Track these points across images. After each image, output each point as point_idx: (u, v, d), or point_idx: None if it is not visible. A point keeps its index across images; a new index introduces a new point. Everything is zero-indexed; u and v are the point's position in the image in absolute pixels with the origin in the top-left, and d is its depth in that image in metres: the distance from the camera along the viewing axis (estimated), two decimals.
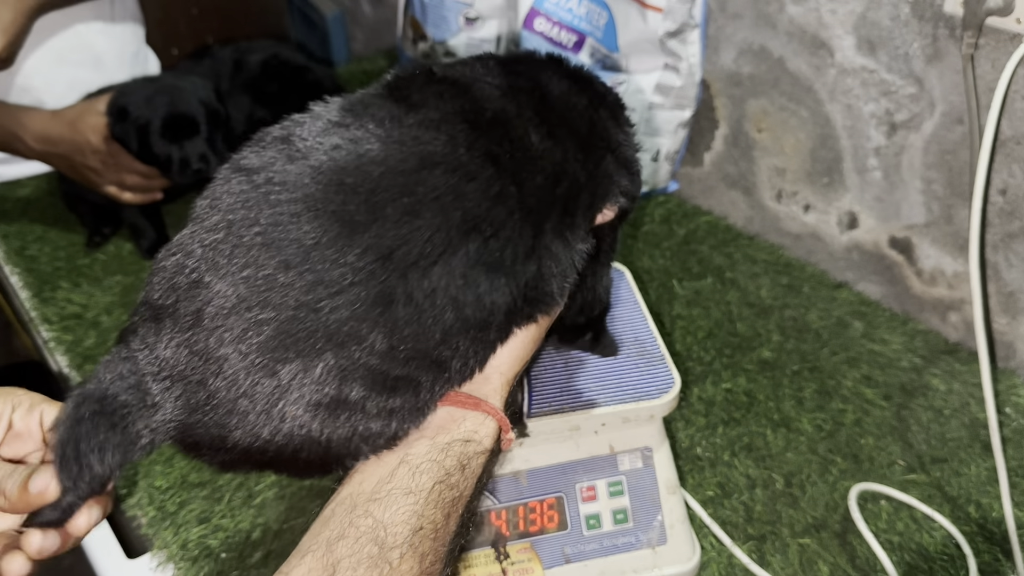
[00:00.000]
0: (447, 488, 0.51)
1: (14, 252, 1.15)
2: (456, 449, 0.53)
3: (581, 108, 0.60)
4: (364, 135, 0.50)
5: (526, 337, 0.58)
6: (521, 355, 0.58)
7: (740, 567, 0.74)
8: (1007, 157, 0.86)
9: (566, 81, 0.61)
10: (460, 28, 1.35)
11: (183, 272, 0.47)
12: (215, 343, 0.45)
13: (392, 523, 0.48)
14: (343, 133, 0.50)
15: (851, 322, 1.00)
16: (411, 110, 0.53)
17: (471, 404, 0.54)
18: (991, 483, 0.80)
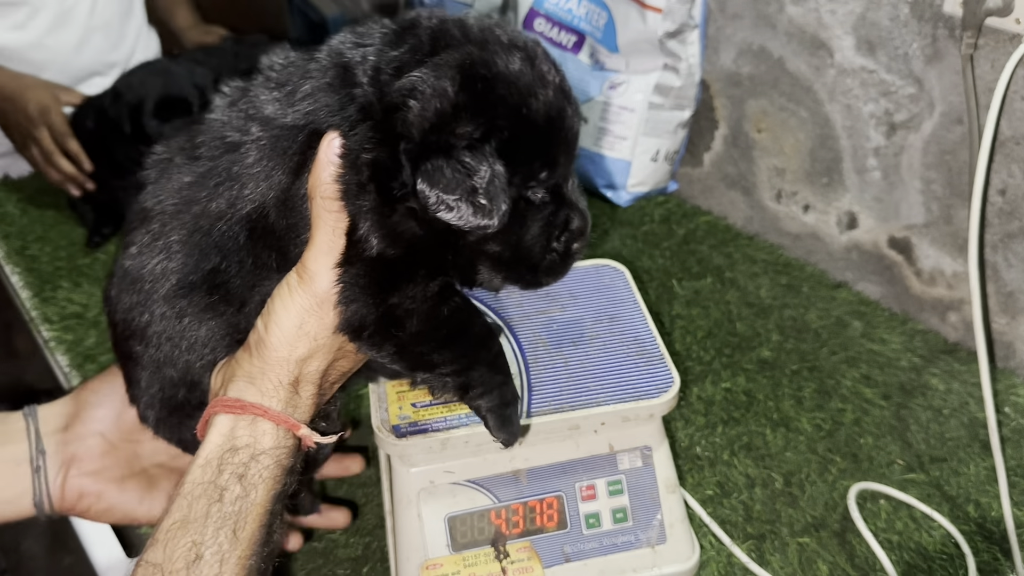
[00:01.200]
0: (227, 505, 0.52)
1: (14, 252, 1.15)
2: (228, 460, 0.54)
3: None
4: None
5: (303, 314, 0.55)
6: (308, 338, 0.55)
7: (739, 566, 0.74)
8: (1006, 157, 0.86)
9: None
10: None
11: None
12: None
13: (169, 561, 0.50)
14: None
15: (850, 322, 1.00)
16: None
17: (237, 408, 0.55)
18: (990, 482, 0.80)
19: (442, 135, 0.50)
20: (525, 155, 0.53)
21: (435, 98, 0.49)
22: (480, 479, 0.68)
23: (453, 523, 0.67)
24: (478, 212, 0.50)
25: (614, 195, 1.21)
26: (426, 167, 0.49)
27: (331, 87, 0.53)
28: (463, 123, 0.50)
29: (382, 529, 0.77)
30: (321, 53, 0.55)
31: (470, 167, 0.49)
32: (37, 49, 1.29)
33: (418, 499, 0.67)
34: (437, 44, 0.52)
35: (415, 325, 0.57)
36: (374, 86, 0.52)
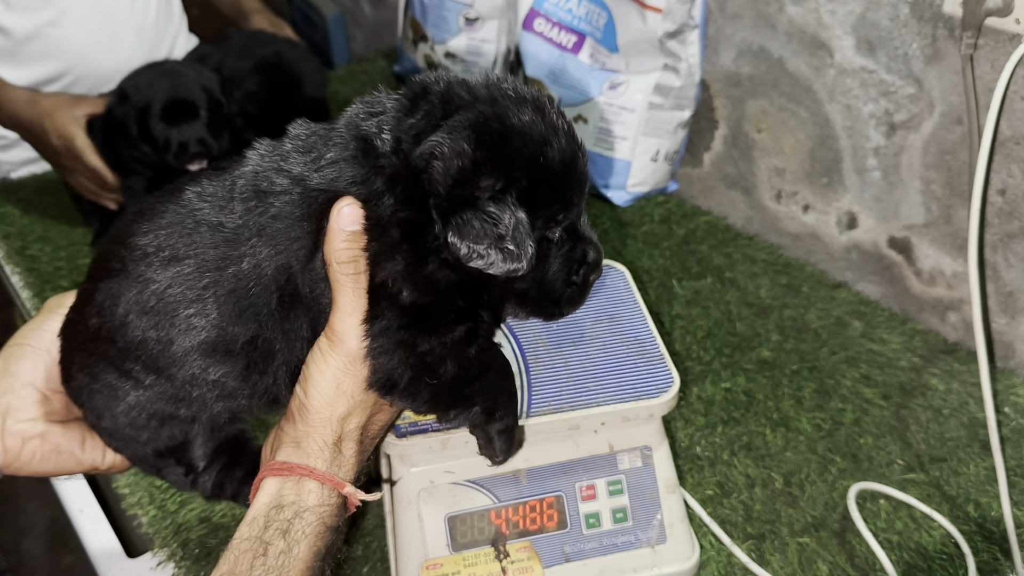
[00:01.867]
0: (270, 559, 0.55)
1: (14, 252, 1.15)
2: (274, 518, 0.57)
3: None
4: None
5: (339, 374, 0.58)
6: (346, 397, 0.59)
7: (739, 566, 0.74)
8: (1006, 157, 0.86)
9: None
10: (460, 28, 1.36)
11: None
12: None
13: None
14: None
15: (850, 322, 1.00)
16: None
17: (284, 470, 0.58)
18: (990, 482, 0.80)
19: (466, 190, 0.54)
20: (544, 200, 0.57)
21: (455, 157, 0.53)
22: (480, 479, 0.68)
23: (453, 523, 0.67)
24: (507, 258, 0.54)
25: (614, 195, 1.21)
26: (455, 220, 0.53)
27: (355, 159, 0.56)
28: (484, 177, 0.54)
29: (382, 529, 0.77)
30: (339, 125, 0.59)
31: (495, 217, 0.54)
32: (70, 44, 1.28)
33: (418, 499, 0.67)
34: (448, 107, 0.56)
35: (449, 369, 0.60)
36: (397, 155, 0.55)
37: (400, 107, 0.57)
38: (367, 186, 0.56)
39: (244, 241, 0.58)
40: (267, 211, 0.58)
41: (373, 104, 0.59)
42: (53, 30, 1.26)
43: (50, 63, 1.27)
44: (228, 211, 0.59)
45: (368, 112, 0.58)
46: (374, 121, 0.57)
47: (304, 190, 0.57)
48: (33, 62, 1.26)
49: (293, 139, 0.60)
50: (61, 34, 1.27)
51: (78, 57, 1.28)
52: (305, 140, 0.59)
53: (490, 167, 0.54)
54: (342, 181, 0.56)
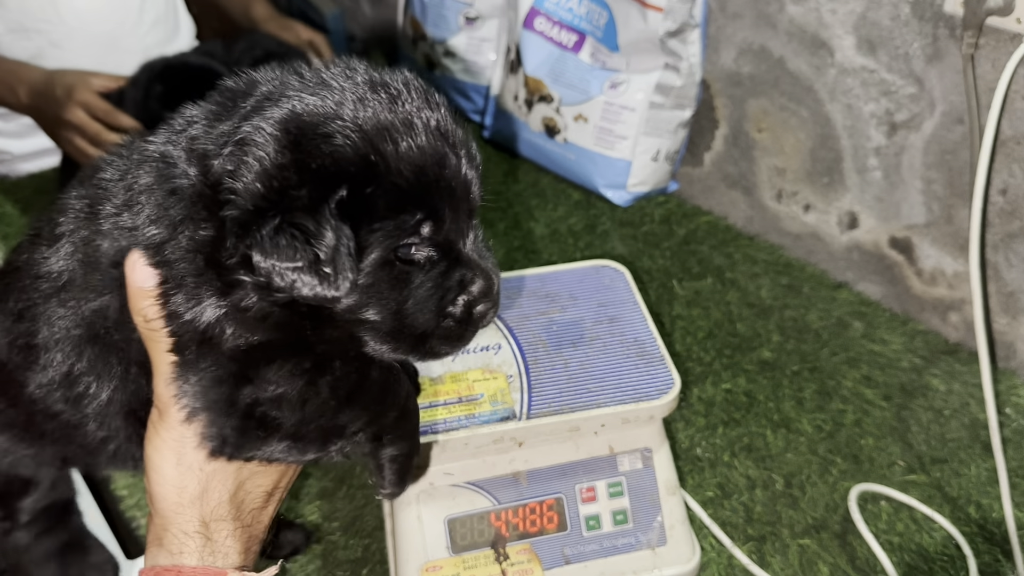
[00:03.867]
0: None
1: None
2: None
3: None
4: None
5: (176, 447, 0.50)
6: (192, 472, 0.50)
7: (740, 568, 0.73)
8: (1007, 157, 0.86)
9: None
10: (460, 28, 1.35)
11: None
12: None
13: None
14: None
15: (851, 322, 1.00)
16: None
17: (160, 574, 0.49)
18: (991, 484, 0.79)
19: (272, 200, 0.44)
20: (387, 209, 0.46)
21: (256, 162, 0.44)
22: (480, 481, 0.68)
23: (453, 525, 0.67)
24: (323, 281, 0.44)
25: (614, 195, 1.21)
26: (257, 237, 0.43)
27: (151, 188, 0.48)
28: (292, 184, 0.44)
29: (382, 531, 0.77)
30: (156, 139, 0.50)
31: (308, 231, 0.44)
32: (74, 67, 1.28)
33: (418, 501, 0.67)
34: (267, 103, 0.47)
35: (290, 411, 0.50)
36: (201, 171, 0.46)
37: (210, 113, 0.48)
38: (165, 221, 0.47)
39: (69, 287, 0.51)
40: (84, 258, 0.50)
41: (191, 116, 0.49)
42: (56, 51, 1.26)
43: None
44: (55, 254, 0.52)
45: (184, 123, 0.49)
46: (183, 136, 0.48)
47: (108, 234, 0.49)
48: None
49: (109, 164, 0.51)
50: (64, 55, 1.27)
51: None
52: (120, 170, 0.50)
53: (300, 171, 0.44)
54: (142, 220, 0.47)
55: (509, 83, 1.29)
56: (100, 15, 1.29)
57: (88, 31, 1.28)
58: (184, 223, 0.46)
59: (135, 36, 1.31)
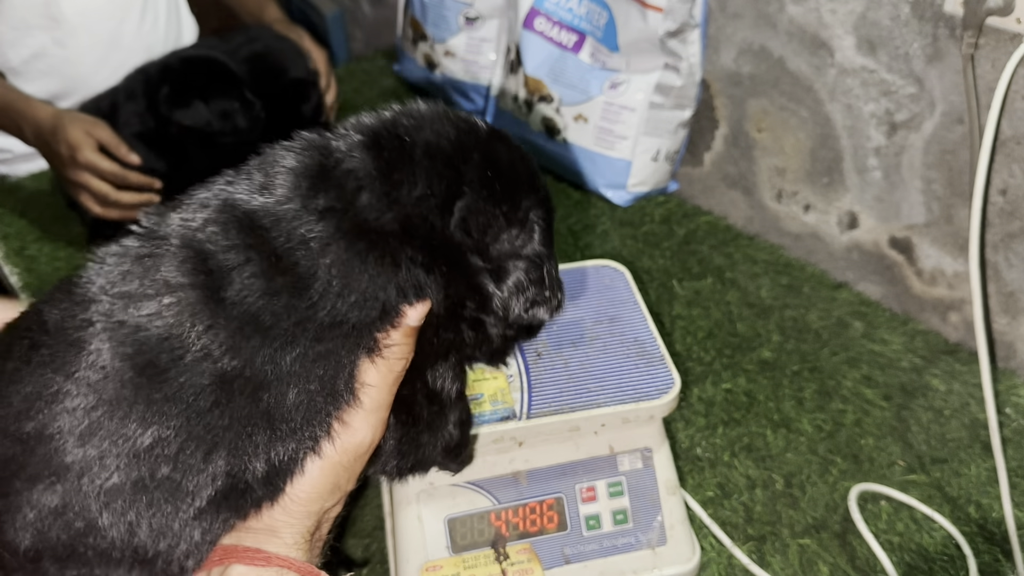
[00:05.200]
0: None
1: (14, 252, 1.15)
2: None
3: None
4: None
5: (336, 469, 0.51)
6: (339, 492, 0.52)
7: (740, 568, 0.73)
8: (1007, 157, 0.86)
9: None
10: (460, 28, 1.35)
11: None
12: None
13: None
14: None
15: (851, 322, 1.00)
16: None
17: (260, 560, 0.50)
18: (991, 483, 0.79)
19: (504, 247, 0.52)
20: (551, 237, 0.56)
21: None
22: (480, 481, 0.68)
23: (453, 525, 0.67)
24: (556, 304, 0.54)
25: (614, 195, 1.21)
26: (508, 281, 0.52)
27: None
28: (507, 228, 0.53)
29: (382, 531, 0.77)
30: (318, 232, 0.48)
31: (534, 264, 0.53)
32: (74, 67, 1.28)
33: (418, 501, 0.67)
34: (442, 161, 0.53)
35: (465, 430, 0.59)
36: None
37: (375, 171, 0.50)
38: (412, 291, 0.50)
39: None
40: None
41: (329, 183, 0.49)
42: (58, 50, 1.26)
43: (51, 82, 1.26)
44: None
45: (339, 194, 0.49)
46: (390, 215, 0.48)
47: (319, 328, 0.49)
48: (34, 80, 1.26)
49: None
50: (66, 55, 1.27)
51: (81, 79, 1.27)
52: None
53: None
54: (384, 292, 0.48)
55: (509, 83, 1.29)
56: (103, 13, 1.29)
57: (91, 29, 1.28)
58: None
59: (138, 35, 1.31)
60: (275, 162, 0.49)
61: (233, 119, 1.10)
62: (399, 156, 0.50)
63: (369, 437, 0.51)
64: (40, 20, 1.24)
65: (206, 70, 1.11)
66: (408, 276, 0.48)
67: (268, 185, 0.48)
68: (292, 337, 0.45)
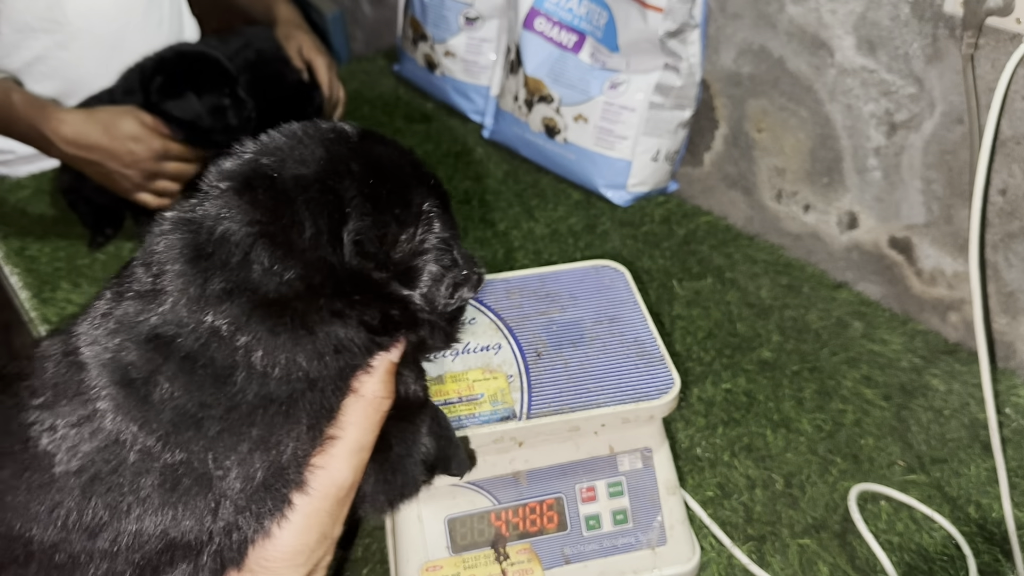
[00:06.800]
0: None
1: (14, 252, 1.15)
2: None
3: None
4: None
5: (324, 517, 0.48)
6: (308, 541, 0.48)
7: (740, 567, 0.74)
8: (1007, 157, 0.86)
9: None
10: (460, 28, 1.36)
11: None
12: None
13: None
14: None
15: (851, 322, 1.00)
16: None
17: None
18: (991, 483, 0.80)
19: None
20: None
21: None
22: (480, 481, 0.68)
23: (453, 525, 0.67)
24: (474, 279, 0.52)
25: (614, 195, 1.21)
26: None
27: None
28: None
29: (382, 531, 0.77)
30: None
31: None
32: (76, 70, 1.27)
33: (418, 501, 0.67)
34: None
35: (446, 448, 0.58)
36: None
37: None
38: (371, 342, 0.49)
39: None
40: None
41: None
42: (61, 52, 1.26)
43: (53, 85, 1.26)
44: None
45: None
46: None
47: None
48: (37, 83, 1.25)
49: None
50: (69, 57, 1.26)
51: (83, 82, 1.27)
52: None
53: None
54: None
55: (509, 83, 1.29)
56: (106, 16, 1.29)
57: (94, 32, 1.28)
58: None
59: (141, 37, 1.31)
60: (153, 252, 0.46)
61: (224, 116, 1.10)
62: (274, 200, 0.45)
63: (351, 478, 0.48)
64: (43, 23, 1.24)
65: (200, 64, 1.11)
66: (326, 338, 0.45)
67: (157, 289, 0.45)
68: (227, 424, 0.44)
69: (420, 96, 1.50)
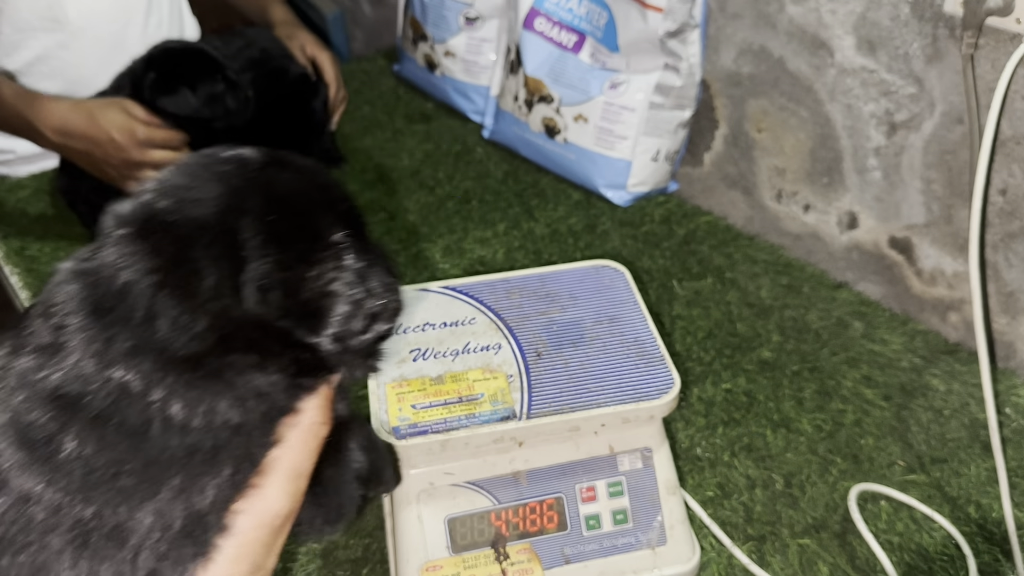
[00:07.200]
0: None
1: (14, 252, 1.15)
2: None
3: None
4: None
5: (241, 549, 0.46)
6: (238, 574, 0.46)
7: (740, 567, 0.74)
8: (1007, 157, 0.86)
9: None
10: (460, 28, 1.36)
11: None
12: None
13: None
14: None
15: (851, 322, 1.00)
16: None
17: None
18: (991, 483, 0.80)
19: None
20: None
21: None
22: (480, 481, 0.68)
23: (453, 525, 0.67)
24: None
25: (614, 195, 1.21)
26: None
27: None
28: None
29: (382, 531, 0.77)
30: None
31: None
32: (77, 69, 1.27)
33: (418, 501, 0.67)
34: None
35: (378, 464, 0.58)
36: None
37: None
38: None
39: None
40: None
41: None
42: (62, 52, 1.26)
43: (54, 84, 1.26)
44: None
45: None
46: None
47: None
48: (37, 82, 1.25)
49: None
50: (70, 57, 1.26)
51: (84, 82, 1.27)
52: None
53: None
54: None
55: (509, 83, 1.29)
56: (107, 16, 1.29)
57: (94, 32, 1.28)
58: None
59: (141, 37, 1.31)
60: (52, 304, 0.44)
61: (222, 102, 1.10)
62: (173, 247, 0.43)
63: (287, 506, 0.46)
64: (44, 23, 1.24)
65: (187, 57, 1.12)
66: (246, 387, 0.44)
67: (59, 344, 0.42)
68: (144, 476, 0.43)
69: (420, 96, 1.50)
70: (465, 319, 0.74)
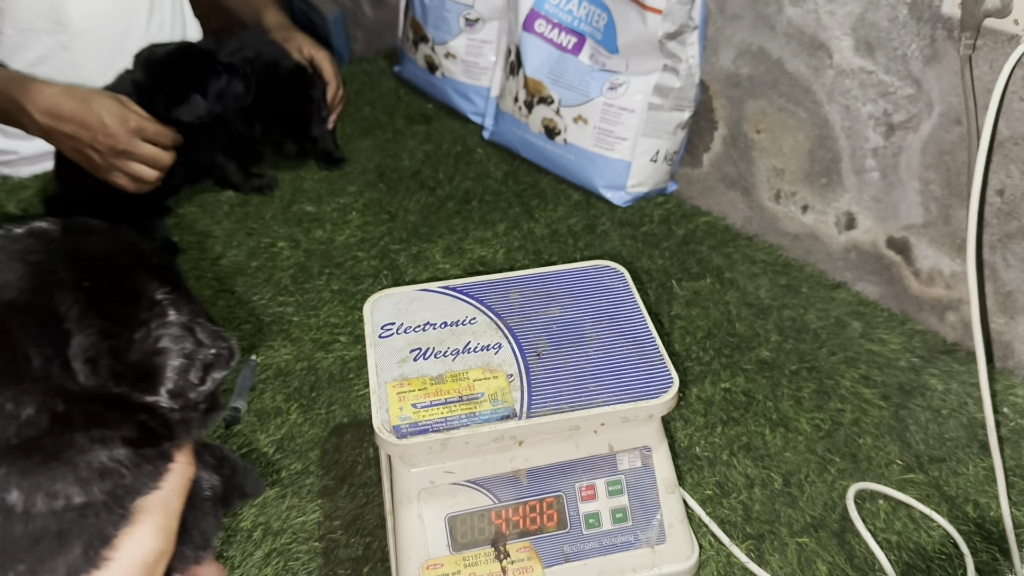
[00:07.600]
0: None
1: None
2: None
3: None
4: None
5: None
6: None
7: (738, 566, 0.74)
8: (1004, 158, 0.86)
9: None
10: (460, 29, 1.36)
11: None
12: None
13: None
14: None
15: (849, 322, 1.00)
16: None
17: None
18: (989, 483, 0.80)
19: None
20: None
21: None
22: (480, 479, 0.68)
23: (453, 523, 0.67)
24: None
25: (614, 195, 1.21)
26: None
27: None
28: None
29: (383, 529, 0.77)
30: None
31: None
32: (79, 70, 1.27)
33: (419, 499, 0.67)
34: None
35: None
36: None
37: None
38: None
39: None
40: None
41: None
42: (64, 53, 1.26)
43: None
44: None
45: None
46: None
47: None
48: None
49: None
50: (71, 58, 1.27)
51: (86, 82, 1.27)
52: None
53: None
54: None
55: (509, 85, 1.30)
56: (109, 17, 1.29)
57: (96, 33, 1.28)
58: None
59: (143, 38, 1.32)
60: None
61: (230, 91, 1.11)
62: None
63: (160, 545, 0.46)
64: (46, 24, 1.24)
65: (182, 60, 1.12)
66: (88, 466, 0.42)
67: None
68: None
69: (421, 97, 1.50)
70: (465, 319, 0.74)
